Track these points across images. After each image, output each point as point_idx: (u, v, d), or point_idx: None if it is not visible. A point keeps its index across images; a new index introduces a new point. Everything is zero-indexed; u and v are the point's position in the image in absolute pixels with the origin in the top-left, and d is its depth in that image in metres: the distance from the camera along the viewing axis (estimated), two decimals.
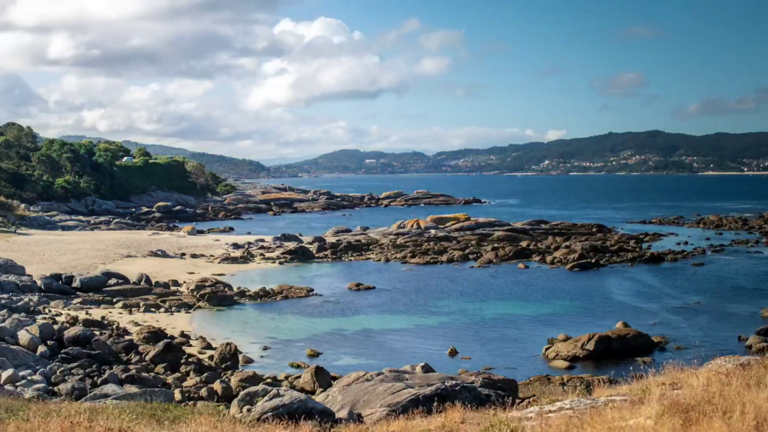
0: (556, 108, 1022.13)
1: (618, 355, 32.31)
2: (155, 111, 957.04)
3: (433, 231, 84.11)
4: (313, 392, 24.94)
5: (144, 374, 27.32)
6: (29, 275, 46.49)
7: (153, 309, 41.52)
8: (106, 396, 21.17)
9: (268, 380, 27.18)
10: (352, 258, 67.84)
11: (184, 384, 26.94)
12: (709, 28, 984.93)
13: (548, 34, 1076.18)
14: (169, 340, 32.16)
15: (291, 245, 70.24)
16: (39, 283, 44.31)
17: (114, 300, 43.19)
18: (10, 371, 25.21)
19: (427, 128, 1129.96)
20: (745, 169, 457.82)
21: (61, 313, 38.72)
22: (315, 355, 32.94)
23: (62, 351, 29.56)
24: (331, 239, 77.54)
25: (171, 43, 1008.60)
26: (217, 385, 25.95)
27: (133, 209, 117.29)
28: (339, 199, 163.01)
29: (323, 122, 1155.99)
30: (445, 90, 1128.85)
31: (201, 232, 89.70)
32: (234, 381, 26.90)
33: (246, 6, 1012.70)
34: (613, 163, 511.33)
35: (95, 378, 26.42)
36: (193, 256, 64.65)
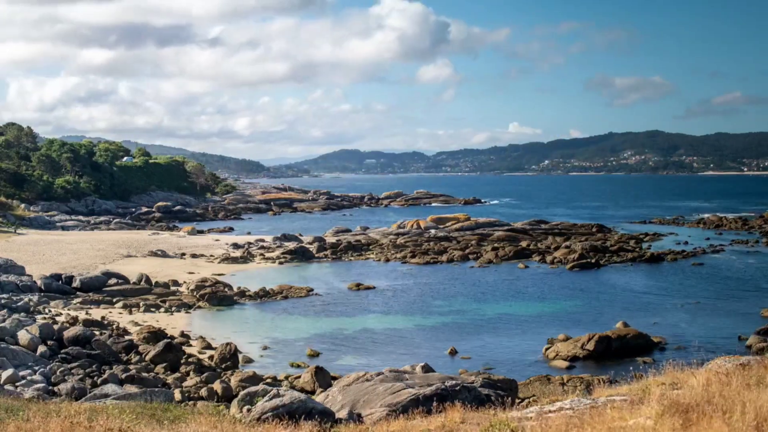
0: (558, 108, 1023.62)
1: (618, 355, 32.30)
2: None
3: (433, 231, 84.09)
4: (313, 392, 24.93)
5: (144, 374, 27.31)
6: (29, 275, 46.48)
7: (153, 309, 41.51)
8: (106, 396, 21.15)
9: (268, 380, 27.19)
10: (352, 258, 67.84)
11: (184, 384, 26.94)
12: (711, 28, 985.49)
13: (548, 33, 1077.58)
14: (169, 340, 32.13)
15: (291, 245, 70.24)
16: (39, 283, 44.30)
17: (114, 300, 43.19)
18: (10, 371, 25.20)
19: (428, 128, 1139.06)
20: (745, 169, 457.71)
21: (61, 313, 38.72)
22: (315, 355, 32.92)
23: (62, 351, 29.54)
24: (331, 239, 77.52)
25: None
26: (217, 385, 25.94)
27: (133, 209, 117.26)
28: (339, 199, 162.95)
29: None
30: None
31: (201, 232, 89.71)
32: (234, 381, 26.89)
33: None
34: (613, 163, 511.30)
35: (95, 378, 26.42)
36: (193, 256, 64.65)
